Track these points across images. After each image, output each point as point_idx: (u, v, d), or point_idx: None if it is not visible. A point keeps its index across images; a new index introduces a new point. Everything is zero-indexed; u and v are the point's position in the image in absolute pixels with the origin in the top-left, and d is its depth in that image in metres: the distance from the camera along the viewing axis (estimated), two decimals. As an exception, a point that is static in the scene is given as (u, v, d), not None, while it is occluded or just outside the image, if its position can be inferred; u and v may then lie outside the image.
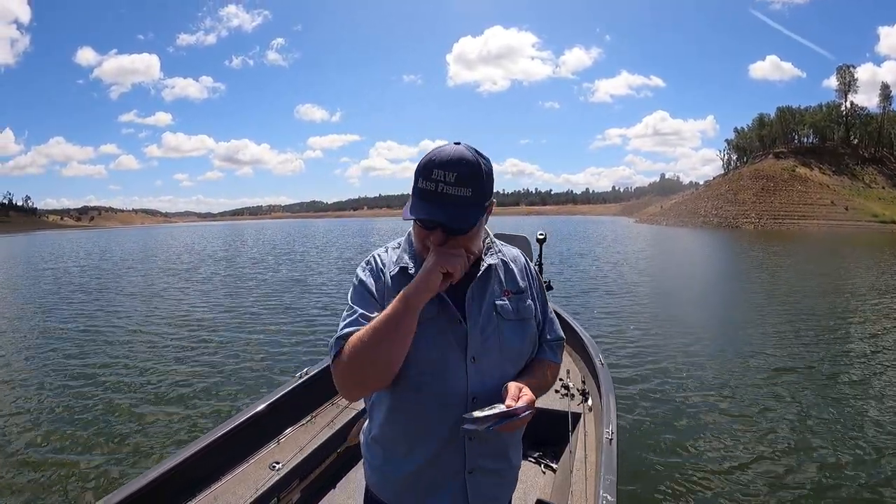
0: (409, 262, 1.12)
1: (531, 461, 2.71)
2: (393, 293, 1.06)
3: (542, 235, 5.24)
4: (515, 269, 1.20)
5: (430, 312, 1.06)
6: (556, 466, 2.62)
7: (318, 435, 2.58)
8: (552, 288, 5.30)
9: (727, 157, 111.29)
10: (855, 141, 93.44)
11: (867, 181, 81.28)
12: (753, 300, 10.85)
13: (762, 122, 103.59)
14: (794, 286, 12.83)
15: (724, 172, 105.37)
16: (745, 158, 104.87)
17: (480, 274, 1.13)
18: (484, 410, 0.98)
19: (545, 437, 2.74)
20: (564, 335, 1.29)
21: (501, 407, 0.99)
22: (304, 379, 2.82)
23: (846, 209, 70.25)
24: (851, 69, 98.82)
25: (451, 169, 0.99)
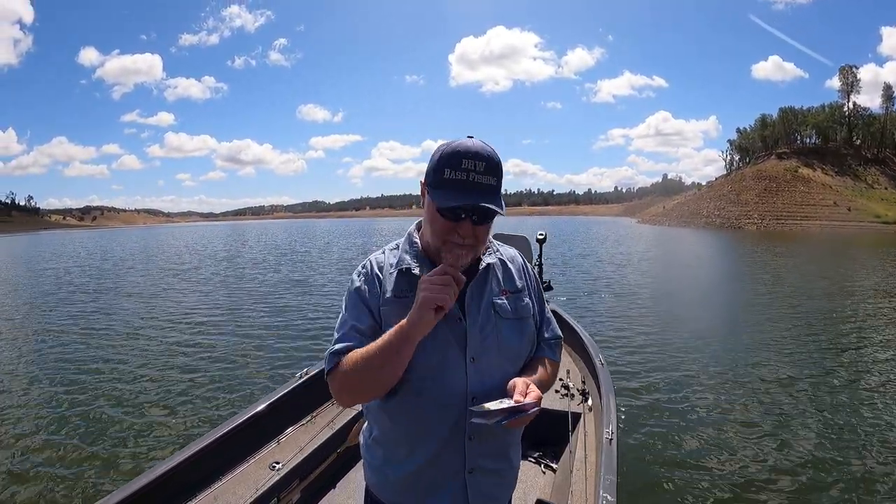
0: (411, 262, 1.11)
1: (531, 461, 2.71)
2: (393, 295, 1.08)
3: (541, 235, 5.23)
4: (513, 268, 1.21)
5: None
6: (556, 466, 2.62)
7: (318, 435, 2.57)
8: (552, 288, 5.30)
9: (730, 157, 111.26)
10: (857, 142, 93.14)
11: (870, 182, 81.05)
12: (756, 301, 10.82)
13: (765, 122, 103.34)
14: (798, 287, 12.78)
15: (726, 173, 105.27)
16: (747, 159, 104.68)
17: (479, 273, 1.13)
18: (493, 404, 0.98)
19: (545, 437, 2.73)
20: (565, 335, 1.31)
21: (510, 402, 0.99)
22: (304, 379, 2.82)
23: (849, 210, 70.06)
24: (854, 70, 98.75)
25: (479, 159, 1.01)
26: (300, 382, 2.80)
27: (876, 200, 73.31)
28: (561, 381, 3.08)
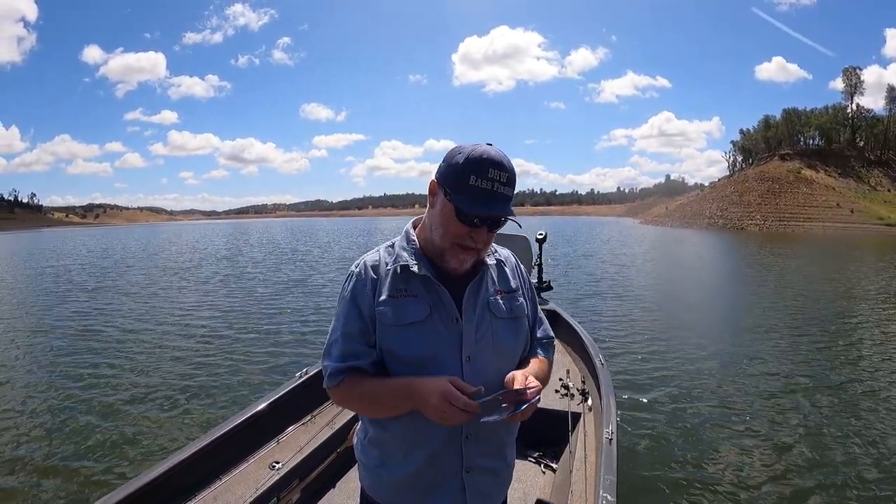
0: (409, 260, 1.11)
1: (531, 461, 2.71)
2: (388, 295, 1.09)
3: (541, 235, 5.23)
4: (507, 268, 1.23)
5: (424, 312, 1.09)
6: (556, 466, 2.62)
7: (317, 435, 2.58)
8: (552, 288, 5.30)
9: (732, 158, 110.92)
10: (861, 143, 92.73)
11: (873, 184, 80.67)
12: (758, 303, 10.77)
13: (768, 123, 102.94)
14: (801, 290, 12.71)
15: (729, 174, 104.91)
16: (750, 160, 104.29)
17: (478, 274, 1.15)
18: (491, 397, 0.99)
19: (545, 437, 2.73)
20: (565, 335, 1.32)
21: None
22: (304, 379, 2.82)
23: (852, 212, 69.73)
24: (858, 71, 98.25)
25: (503, 170, 1.03)
26: (300, 382, 2.80)
27: (879, 202, 72.98)
28: (561, 381, 3.08)
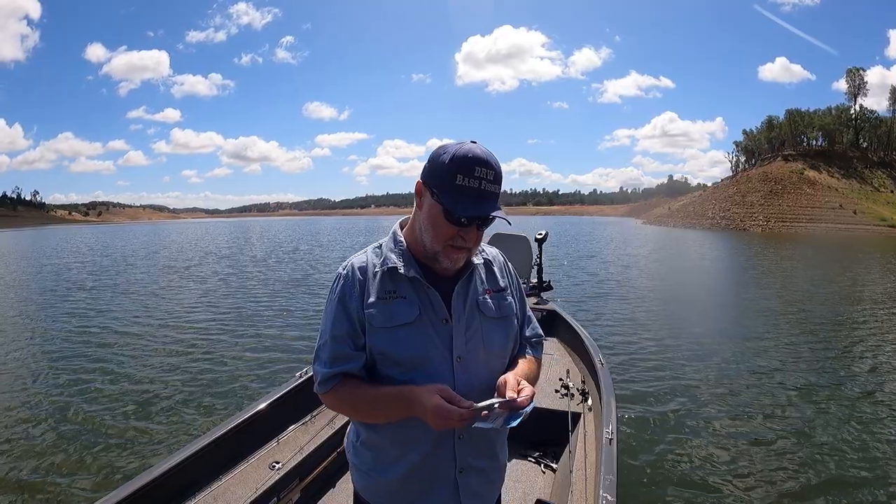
0: (397, 261, 1.10)
1: (531, 461, 2.72)
2: (377, 297, 1.08)
3: (541, 235, 5.23)
4: (496, 267, 1.22)
5: (414, 314, 1.08)
6: (556, 466, 2.62)
7: (317, 435, 2.59)
8: (552, 288, 5.30)
9: (735, 159, 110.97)
10: (864, 144, 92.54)
11: (876, 185, 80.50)
12: (760, 305, 10.75)
13: (771, 124, 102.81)
14: (805, 291, 12.67)
15: (732, 174, 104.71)
16: (753, 160, 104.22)
17: (466, 274, 1.14)
18: (484, 404, 0.98)
19: (545, 437, 2.74)
20: (565, 335, 1.32)
21: (500, 399, 1.00)
22: (303, 379, 2.82)
23: (854, 213, 69.55)
24: (861, 72, 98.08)
25: (489, 168, 1.02)
26: (300, 382, 2.80)
27: (882, 204, 72.80)
28: (561, 381, 3.09)
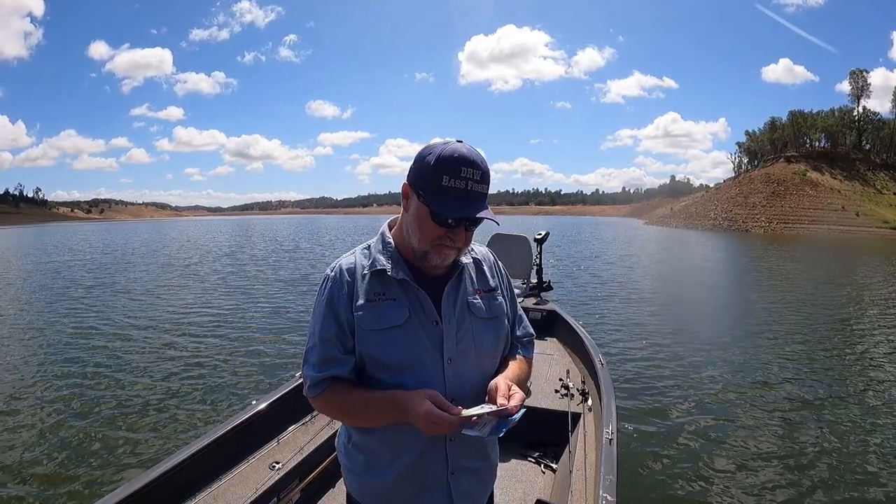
0: (385, 263, 1.09)
1: (531, 461, 2.72)
2: (365, 299, 1.07)
3: (540, 235, 5.23)
4: (486, 267, 1.20)
5: (403, 316, 1.07)
6: (556, 466, 2.62)
7: (318, 435, 2.59)
8: (552, 288, 5.29)
9: (738, 160, 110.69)
10: (867, 146, 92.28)
11: (878, 187, 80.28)
12: (762, 306, 10.73)
13: (774, 125, 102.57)
14: (808, 293, 12.62)
15: (734, 175, 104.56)
16: (756, 162, 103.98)
17: (455, 274, 1.13)
18: (475, 409, 0.98)
19: (545, 437, 2.75)
20: (565, 335, 1.31)
21: (490, 406, 0.99)
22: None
23: (857, 215, 69.39)
24: (864, 74, 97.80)
25: (476, 167, 1.00)
26: (300, 382, 2.79)
27: (884, 206, 72.61)
28: (561, 381, 3.09)
